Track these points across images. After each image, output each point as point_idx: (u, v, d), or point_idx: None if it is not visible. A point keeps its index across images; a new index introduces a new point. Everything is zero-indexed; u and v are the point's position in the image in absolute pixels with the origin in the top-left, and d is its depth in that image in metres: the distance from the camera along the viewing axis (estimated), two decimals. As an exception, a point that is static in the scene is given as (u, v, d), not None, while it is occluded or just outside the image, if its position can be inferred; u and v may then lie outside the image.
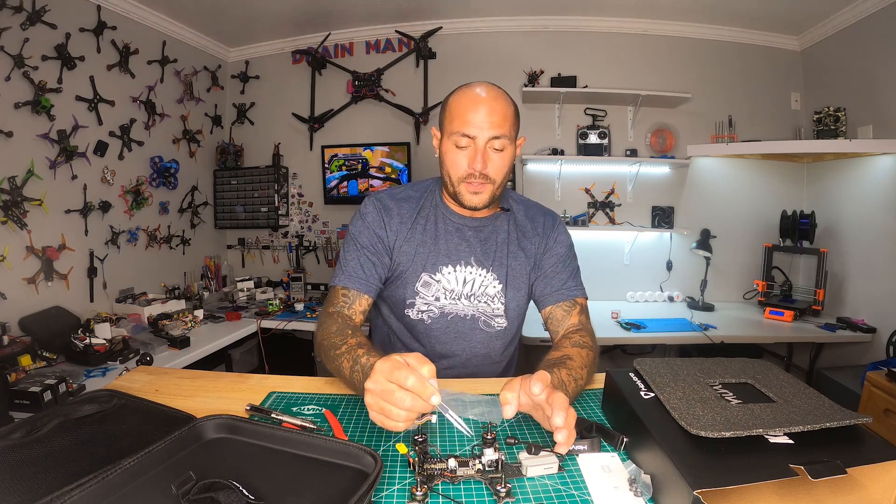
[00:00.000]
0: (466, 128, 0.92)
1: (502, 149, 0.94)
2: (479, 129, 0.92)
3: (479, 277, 1.03)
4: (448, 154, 0.97)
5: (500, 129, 0.92)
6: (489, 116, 0.92)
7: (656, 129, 2.80)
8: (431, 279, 1.02)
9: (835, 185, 2.58)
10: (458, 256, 1.03)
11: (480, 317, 1.04)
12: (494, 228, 1.06)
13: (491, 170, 0.94)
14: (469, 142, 0.93)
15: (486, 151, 0.93)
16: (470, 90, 0.96)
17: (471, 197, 0.97)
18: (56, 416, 0.67)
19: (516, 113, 0.98)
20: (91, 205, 2.21)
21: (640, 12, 2.66)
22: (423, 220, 1.05)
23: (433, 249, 1.02)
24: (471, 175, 0.94)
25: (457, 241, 1.03)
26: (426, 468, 0.57)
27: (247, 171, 3.06)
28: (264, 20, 2.77)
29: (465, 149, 0.94)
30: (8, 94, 1.85)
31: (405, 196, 1.07)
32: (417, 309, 1.02)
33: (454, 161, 0.96)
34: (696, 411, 0.56)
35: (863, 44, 2.33)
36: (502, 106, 0.94)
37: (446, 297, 1.02)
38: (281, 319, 2.47)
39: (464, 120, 0.92)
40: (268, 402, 0.81)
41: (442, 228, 1.04)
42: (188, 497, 0.49)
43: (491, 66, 2.86)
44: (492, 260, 1.04)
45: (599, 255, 2.84)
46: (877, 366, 1.77)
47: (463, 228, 1.04)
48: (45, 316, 1.93)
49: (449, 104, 0.97)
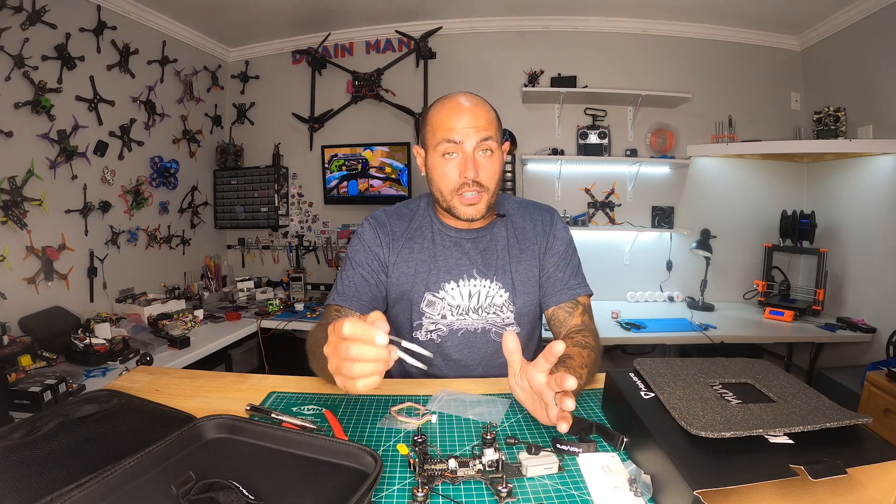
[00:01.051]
0: (451, 134, 0.90)
1: (491, 152, 0.92)
2: (464, 134, 0.89)
3: (485, 289, 1.01)
4: (436, 168, 0.94)
5: (486, 131, 0.90)
6: (474, 121, 0.90)
7: (656, 129, 2.80)
8: (435, 297, 1.00)
9: (835, 185, 2.58)
10: (460, 271, 1.01)
11: (491, 328, 1.02)
12: (493, 237, 1.04)
13: (483, 176, 0.92)
14: (456, 148, 0.91)
15: (476, 157, 0.91)
16: (449, 100, 0.94)
17: (466, 209, 0.94)
18: (56, 416, 0.67)
19: (498, 118, 0.97)
20: (91, 205, 2.21)
21: (640, 12, 2.66)
22: (419, 238, 1.03)
23: (433, 267, 1.01)
24: (464, 185, 0.92)
25: (456, 255, 1.01)
26: (426, 469, 0.57)
27: (247, 171, 3.06)
28: (264, 20, 2.77)
29: (453, 158, 0.91)
30: (8, 94, 1.85)
31: (398, 213, 1.06)
32: (426, 329, 1.01)
33: (444, 174, 0.93)
34: (696, 411, 0.56)
35: (863, 44, 2.33)
36: (485, 111, 0.92)
37: (453, 313, 1.00)
38: (281, 319, 2.47)
39: (448, 128, 0.90)
40: (268, 402, 0.81)
41: (440, 244, 1.02)
42: (188, 497, 0.49)
43: (491, 66, 2.86)
44: (494, 269, 1.01)
45: (599, 255, 2.84)
46: (877, 366, 1.77)
47: (461, 242, 1.02)
48: (45, 316, 1.93)
49: (429, 118, 0.95)
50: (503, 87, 2.84)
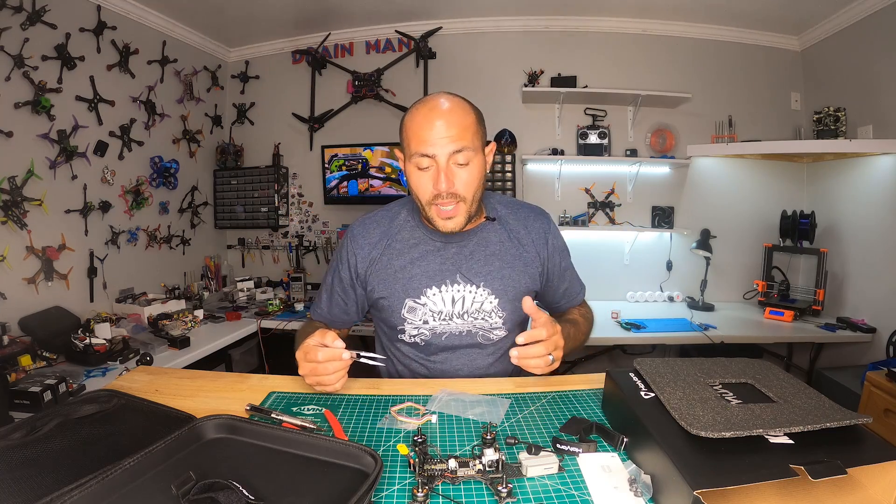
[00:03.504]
0: (423, 147, 0.86)
1: (467, 162, 0.88)
2: (436, 146, 0.86)
3: (470, 294, 0.98)
4: (412, 177, 0.92)
5: (459, 141, 0.86)
6: (447, 131, 0.86)
7: (656, 129, 2.80)
8: (416, 303, 0.98)
9: (835, 185, 2.58)
10: (442, 276, 0.98)
11: (478, 332, 1.00)
12: (480, 240, 1.01)
13: (459, 186, 0.88)
14: (430, 161, 0.87)
15: (450, 168, 0.87)
16: (423, 106, 0.89)
17: (444, 223, 0.92)
18: (56, 416, 0.67)
19: (479, 119, 0.92)
20: (91, 205, 2.21)
21: (640, 12, 2.66)
22: (398, 245, 1.00)
23: (414, 273, 0.98)
24: (437, 196, 0.89)
25: (439, 260, 0.99)
26: (426, 469, 0.57)
27: (247, 171, 3.06)
28: (264, 20, 2.77)
29: (428, 170, 0.89)
30: (8, 94, 1.85)
31: (376, 221, 1.04)
32: (409, 334, 1.01)
33: (419, 184, 0.91)
34: (696, 411, 0.56)
35: (863, 44, 2.33)
36: (459, 117, 0.88)
37: (435, 318, 0.98)
38: (281, 319, 2.47)
39: (420, 139, 0.87)
40: (268, 402, 0.81)
41: (421, 249, 1.00)
42: (188, 497, 0.49)
43: (491, 66, 2.86)
44: (482, 276, 0.98)
45: (599, 255, 2.84)
46: (877, 366, 1.77)
47: (445, 246, 0.99)
48: (45, 316, 1.93)
49: (405, 125, 0.91)
50: (503, 87, 2.84)
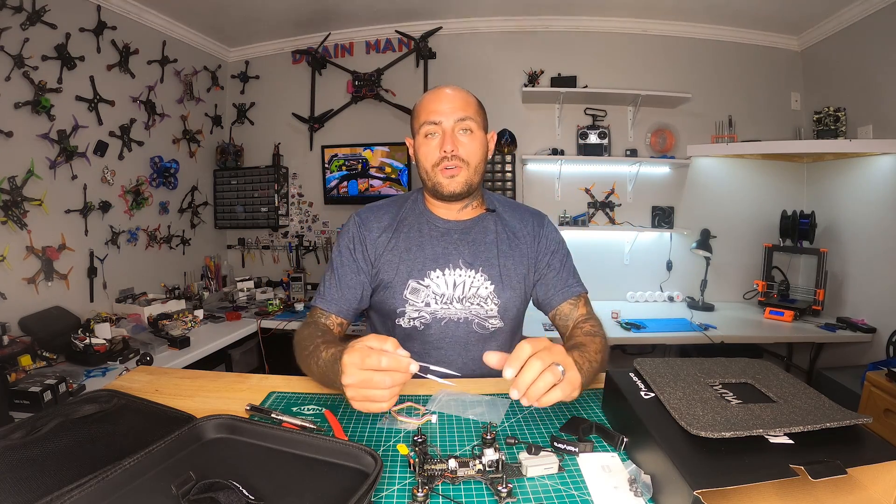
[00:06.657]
0: (431, 116, 0.98)
1: (471, 132, 0.98)
2: (443, 114, 0.97)
3: (469, 279, 1.02)
4: (420, 148, 1.02)
5: (464, 111, 0.98)
6: (452, 102, 0.98)
7: (656, 129, 2.80)
8: (420, 285, 1.01)
9: (835, 185, 2.58)
10: (447, 260, 1.02)
11: (474, 319, 1.03)
12: (481, 229, 1.06)
13: (463, 152, 0.98)
14: (436, 128, 0.98)
15: (455, 135, 0.98)
16: (432, 90, 1.03)
17: (448, 181, 0.99)
18: (56, 416, 0.67)
19: (481, 105, 1.04)
20: (91, 205, 2.21)
21: (640, 12, 2.66)
22: (405, 228, 1.06)
23: (419, 255, 1.02)
24: (443, 159, 0.98)
25: (443, 244, 1.04)
26: (426, 469, 0.57)
27: (247, 171, 3.06)
28: (264, 20, 2.77)
29: (435, 137, 0.99)
30: (8, 94, 1.85)
31: (386, 206, 1.10)
32: (409, 317, 1.02)
33: (426, 152, 1.00)
34: (696, 411, 0.56)
35: (863, 44, 2.33)
36: (464, 95, 1.01)
37: (437, 301, 1.01)
38: (281, 319, 2.47)
39: (429, 111, 0.99)
40: (268, 402, 0.81)
41: (427, 234, 1.05)
42: (188, 497, 0.49)
43: (491, 66, 2.86)
44: (481, 261, 1.03)
45: (599, 255, 2.84)
46: (877, 366, 1.77)
47: (449, 232, 1.05)
48: (45, 316, 1.93)
49: (415, 108, 1.05)
50: (503, 87, 2.84)
